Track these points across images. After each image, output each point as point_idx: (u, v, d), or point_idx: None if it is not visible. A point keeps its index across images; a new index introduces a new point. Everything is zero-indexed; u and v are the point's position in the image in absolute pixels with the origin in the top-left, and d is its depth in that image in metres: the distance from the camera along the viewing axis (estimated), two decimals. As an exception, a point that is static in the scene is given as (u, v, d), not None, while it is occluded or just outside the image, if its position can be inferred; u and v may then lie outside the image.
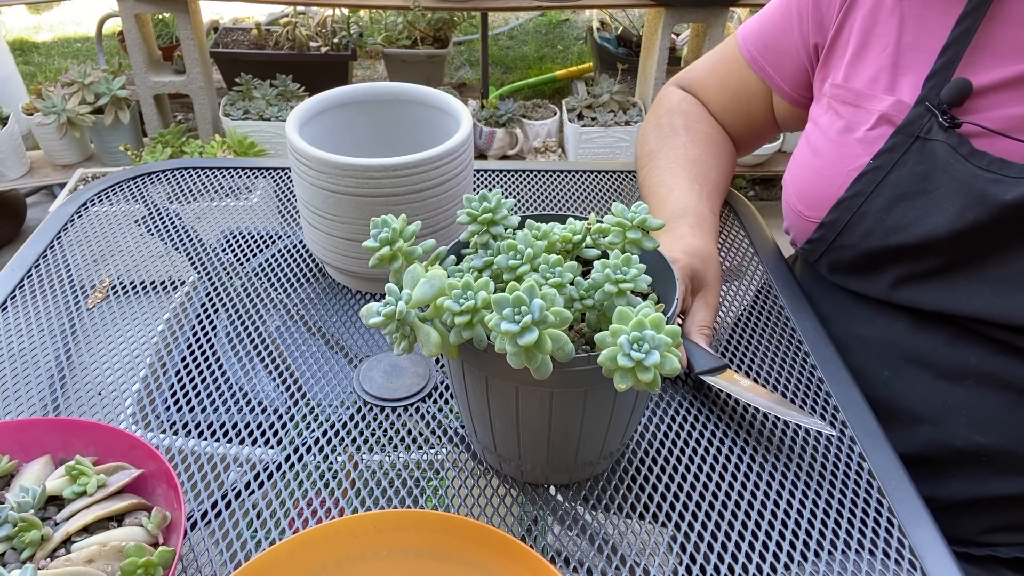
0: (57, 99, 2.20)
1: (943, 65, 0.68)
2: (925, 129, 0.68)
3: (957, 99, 0.67)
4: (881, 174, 0.70)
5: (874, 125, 0.72)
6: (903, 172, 0.69)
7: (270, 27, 2.77)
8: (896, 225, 0.70)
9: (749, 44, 0.86)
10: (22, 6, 3.85)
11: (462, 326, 0.49)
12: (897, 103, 0.70)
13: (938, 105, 0.67)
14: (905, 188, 0.69)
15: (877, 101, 0.72)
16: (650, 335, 0.45)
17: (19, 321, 0.79)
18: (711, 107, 0.93)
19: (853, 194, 0.72)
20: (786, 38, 0.82)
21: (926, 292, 0.71)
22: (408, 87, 0.88)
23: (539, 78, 3.26)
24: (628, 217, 0.56)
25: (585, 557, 0.58)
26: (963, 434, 0.69)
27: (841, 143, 0.75)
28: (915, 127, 0.69)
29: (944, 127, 0.67)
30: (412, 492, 0.63)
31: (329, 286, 0.86)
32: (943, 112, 0.67)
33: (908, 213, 0.69)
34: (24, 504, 0.54)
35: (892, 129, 0.70)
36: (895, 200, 0.70)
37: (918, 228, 0.69)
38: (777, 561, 0.58)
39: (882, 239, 0.71)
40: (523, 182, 1.04)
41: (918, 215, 0.69)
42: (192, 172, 1.04)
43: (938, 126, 0.67)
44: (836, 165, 0.74)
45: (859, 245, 0.73)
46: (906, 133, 0.69)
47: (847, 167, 0.73)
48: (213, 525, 0.60)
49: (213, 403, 0.70)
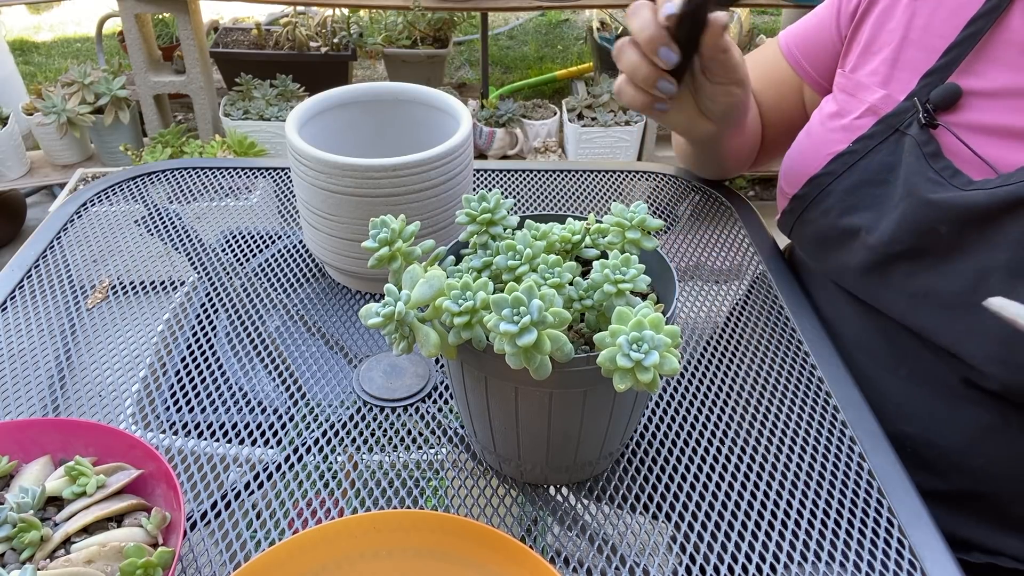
0: (57, 99, 2.20)
1: (943, 65, 0.68)
2: (906, 124, 0.69)
3: (945, 101, 0.67)
4: (855, 158, 0.73)
5: (861, 115, 0.74)
6: (873, 160, 0.71)
7: (270, 27, 2.77)
8: (850, 207, 0.72)
9: (787, 38, 0.88)
10: (22, 6, 3.85)
11: (461, 327, 0.49)
12: (886, 97, 0.72)
13: (925, 103, 0.68)
14: (871, 175, 0.71)
15: (870, 92, 0.74)
16: (649, 335, 0.45)
17: (19, 321, 0.79)
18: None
19: (825, 172, 0.75)
20: (824, 31, 0.83)
21: (863, 285, 0.73)
22: (408, 87, 0.88)
23: (539, 78, 3.26)
24: (627, 217, 0.56)
25: (585, 557, 0.58)
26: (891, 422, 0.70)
27: (829, 127, 0.77)
28: (898, 120, 0.70)
29: (921, 124, 0.68)
30: (412, 492, 0.63)
31: (329, 286, 0.86)
32: (927, 110, 0.68)
33: (864, 200, 0.72)
34: (24, 505, 0.54)
35: (873, 120, 0.72)
36: (859, 184, 0.72)
37: (865, 215, 0.71)
38: (777, 561, 0.58)
39: (836, 218, 0.74)
40: (523, 182, 1.04)
41: (870, 203, 0.71)
42: (192, 172, 1.04)
43: (917, 123, 0.68)
44: (818, 146, 0.77)
45: (818, 221, 0.76)
46: (888, 124, 0.71)
47: (827, 149, 0.76)
48: (213, 525, 0.60)
49: (213, 403, 0.70)
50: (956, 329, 0.66)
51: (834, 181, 0.74)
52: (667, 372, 0.45)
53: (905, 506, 0.61)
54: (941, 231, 0.66)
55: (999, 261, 0.63)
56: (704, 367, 0.75)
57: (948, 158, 0.66)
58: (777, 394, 0.72)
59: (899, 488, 0.63)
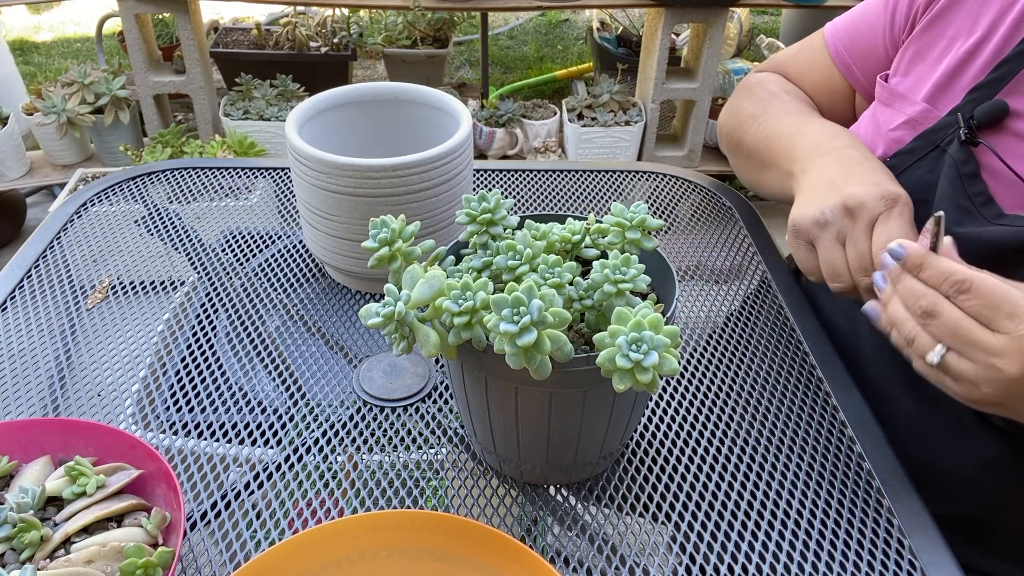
0: (57, 99, 2.20)
1: (993, 80, 0.64)
2: (947, 140, 0.66)
3: (991, 119, 0.63)
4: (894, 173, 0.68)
5: (896, 127, 0.70)
6: (912, 177, 0.67)
7: (270, 27, 2.77)
8: None
9: (836, 38, 0.82)
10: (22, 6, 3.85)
11: (461, 327, 0.49)
12: (926, 110, 0.68)
13: (969, 119, 0.64)
14: (909, 193, 0.67)
15: (909, 104, 0.70)
16: (648, 336, 0.45)
17: (19, 321, 0.79)
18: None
19: None
20: (877, 34, 0.78)
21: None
22: (408, 87, 0.88)
23: (539, 78, 3.26)
24: (627, 217, 0.56)
25: (585, 557, 0.58)
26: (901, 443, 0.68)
27: (864, 135, 0.73)
28: (939, 136, 0.66)
29: (961, 140, 0.64)
30: (412, 492, 0.63)
31: (329, 286, 0.86)
32: (969, 127, 0.64)
33: None
34: (24, 505, 0.54)
35: (912, 134, 0.69)
36: None
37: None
38: (777, 561, 0.58)
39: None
40: (523, 182, 1.04)
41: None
42: (192, 172, 1.04)
43: (957, 139, 0.65)
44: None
45: None
46: (928, 139, 0.67)
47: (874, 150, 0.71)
48: (213, 525, 0.60)
49: (213, 403, 0.70)
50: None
51: None
52: (666, 372, 0.45)
53: (905, 506, 0.61)
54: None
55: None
56: (704, 367, 0.75)
57: (985, 180, 0.63)
58: (777, 394, 0.72)
59: (899, 488, 0.63)
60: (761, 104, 0.83)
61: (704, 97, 2.34)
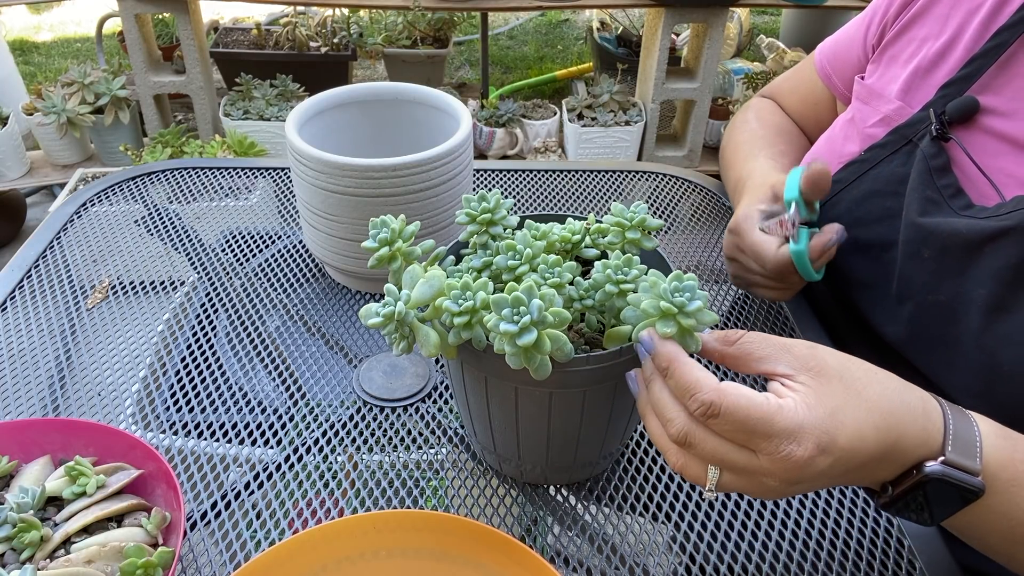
0: (57, 99, 2.20)
1: (964, 76, 0.66)
2: (920, 135, 0.67)
3: (961, 115, 0.65)
4: (865, 167, 0.71)
5: (874, 124, 0.72)
6: (884, 170, 0.70)
7: (270, 27, 2.77)
8: (859, 219, 0.71)
9: (821, 53, 0.88)
10: (22, 6, 3.86)
11: (461, 327, 0.49)
12: (901, 108, 0.70)
13: (940, 115, 0.66)
14: (881, 186, 0.70)
15: (885, 102, 0.72)
16: (691, 285, 0.46)
17: (19, 321, 0.79)
18: (787, 110, 0.96)
19: (835, 179, 0.73)
20: (853, 46, 0.82)
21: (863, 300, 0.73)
22: (408, 87, 0.88)
23: (539, 78, 3.26)
24: (627, 217, 0.56)
25: (585, 557, 0.58)
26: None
27: (843, 132, 0.76)
28: (911, 131, 0.68)
29: (932, 136, 0.66)
30: (412, 492, 0.63)
31: (329, 286, 0.86)
32: (940, 122, 0.65)
33: (874, 211, 0.70)
34: (24, 505, 0.54)
35: (887, 130, 0.71)
36: (868, 195, 0.71)
37: (877, 228, 0.70)
38: (776, 561, 0.58)
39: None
40: (523, 182, 1.04)
41: (879, 215, 0.69)
42: (192, 172, 1.04)
43: (929, 134, 0.66)
44: (830, 153, 0.77)
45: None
46: (901, 134, 0.69)
47: (838, 153, 0.75)
48: (213, 525, 0.60)
49: (213, 403, 0.70)
50: (935, 360, 0.65)
51: (843, 190, 0.72)
52: (707, 322, 0.46)
53: (905, 506, 0.61)
54: (924, 255, 0.64)
55: (977, 296, 0.61)
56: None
57: (955, 173, 0.64)
58: (777, 394, 0.72)
59: (899, 488, 0.63)
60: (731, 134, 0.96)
61: (704, 97, 2.34)
